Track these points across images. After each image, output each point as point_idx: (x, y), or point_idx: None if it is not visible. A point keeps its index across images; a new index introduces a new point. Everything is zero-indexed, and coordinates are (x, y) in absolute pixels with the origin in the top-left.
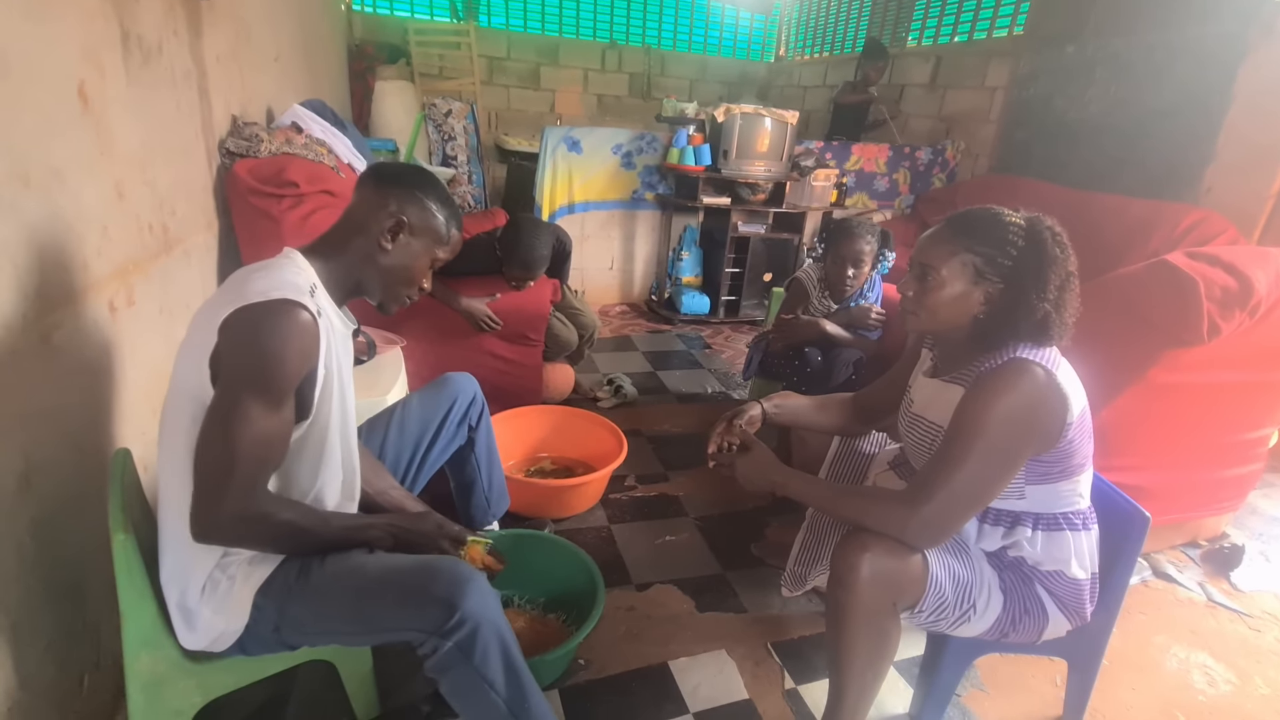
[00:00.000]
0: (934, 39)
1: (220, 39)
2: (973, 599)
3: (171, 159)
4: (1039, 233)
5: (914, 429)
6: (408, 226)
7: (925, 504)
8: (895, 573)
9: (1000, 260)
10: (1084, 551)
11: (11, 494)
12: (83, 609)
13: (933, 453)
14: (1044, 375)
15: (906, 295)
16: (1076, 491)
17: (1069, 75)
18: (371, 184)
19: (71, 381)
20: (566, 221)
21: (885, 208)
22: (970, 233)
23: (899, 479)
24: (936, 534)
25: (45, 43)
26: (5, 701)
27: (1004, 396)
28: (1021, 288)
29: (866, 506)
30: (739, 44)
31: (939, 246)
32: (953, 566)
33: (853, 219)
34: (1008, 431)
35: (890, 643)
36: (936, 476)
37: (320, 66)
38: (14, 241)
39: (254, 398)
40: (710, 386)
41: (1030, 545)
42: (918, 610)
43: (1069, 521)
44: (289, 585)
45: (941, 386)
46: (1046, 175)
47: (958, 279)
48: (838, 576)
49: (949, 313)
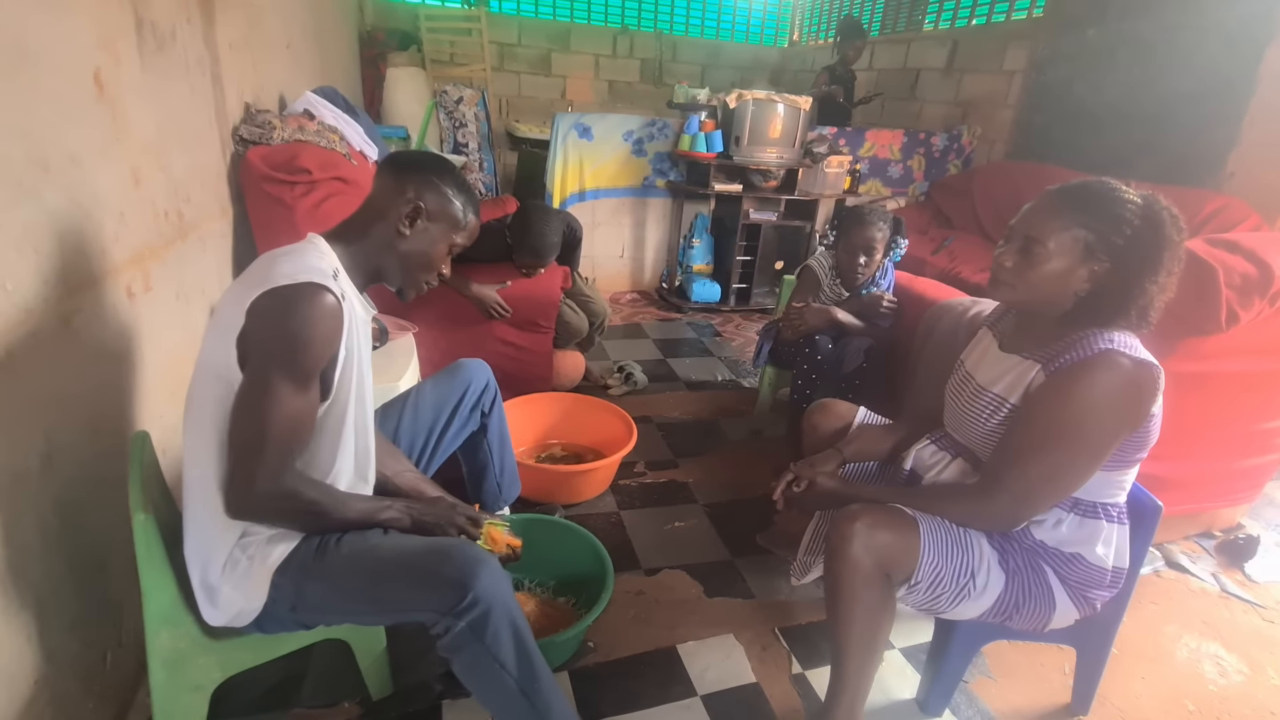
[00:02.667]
0: (951, 22)
1: (232, 26)
2: (970, 574)
3: (186, 146)
4: (1157, 213)
5: (974, 401)
6: (425, 212)
7: (1001, 494)
8: (887, 543)
9: (1114, 239)
10: (1112, 540)
11: (35, 474)
12: (105, 587)
13: (993, 426)
14: (1138, 367)
15: (1004, 265)
16: (1123, 485)
17: (1090, 58)
18: (391, 172)
19: (91, 365)
20: (577, 209)
21: (899, 194)
22: (1085, 207)
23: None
24: (1014, 519)
25: (61, 30)
26: (32, 675)
27: (1094, 390)
28: (1134, 269)
29: (939, 505)
30: (752, 29)
31: (1050, 219)
32: (946, 539)
33: (865, 206)
34: (1098, 425)
35: (885, 614)
36: (1011, 466)
37: (332, 53)
38: (35, 227)
39: (283, 378)
40: (720, 374)
41: (1056, 527)
42: (914, 583)
43: (1105, 512)
44: (306, 565)
45: (1018, 361)
46: (1065, 161)
47: (1066, 254)
48: (832, 548)
49: (1049, 288)
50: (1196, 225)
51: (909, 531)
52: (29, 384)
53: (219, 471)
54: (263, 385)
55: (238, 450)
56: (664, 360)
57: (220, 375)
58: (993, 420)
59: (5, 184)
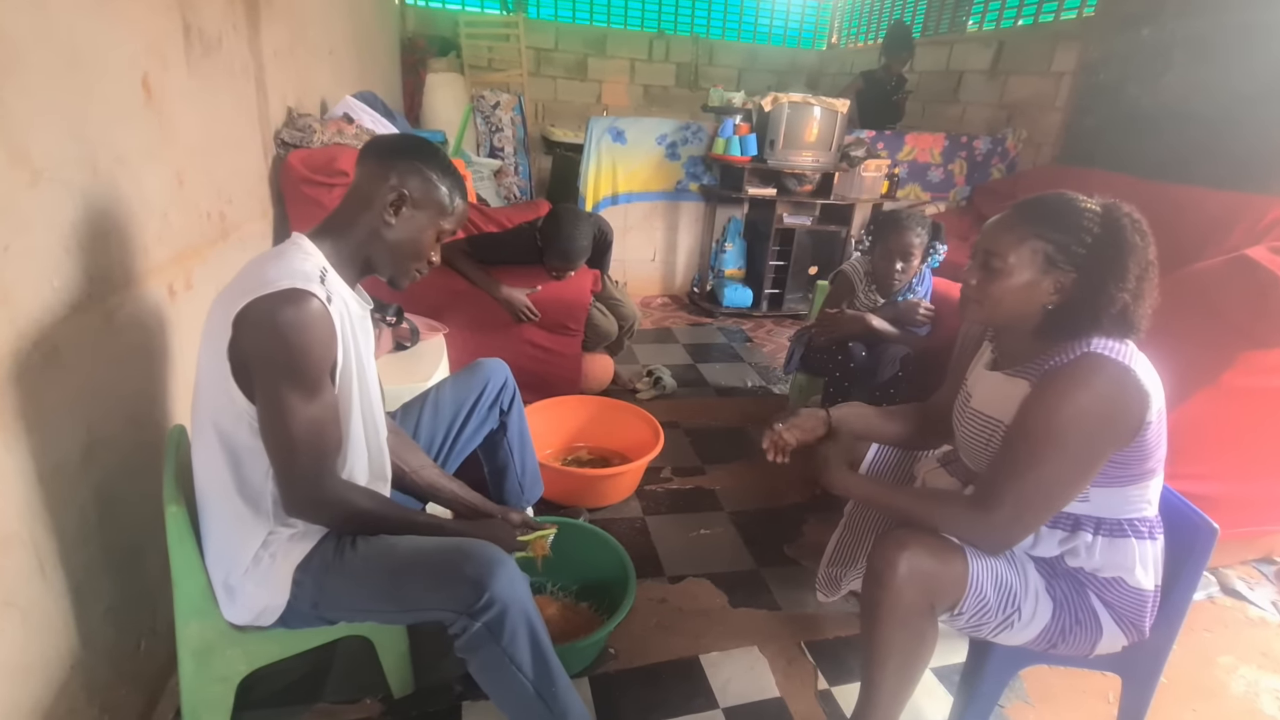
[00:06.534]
0: (996, 23)
1: (277, 34)
2: (1017, 604)
3: (229, 149)
4: (1116, 219)
5: (971, 424)
6: (410, 199)
7: (997, 509)
8: (934, 573)
9: (1074, 248)
10: (1149, 559)
11: (76, 464)
12: (141, 577)
13: (993, 450)
14: (1119, 370)
15: (969, 284)
16: (1145, 498)
17: (1145, 59)
18: (373, 158)
19: (132, 360)
20: (610, 213)
21: (939, 199)
22: (1041, 219)
23: (949, 476)
24: (1010, 538)
25: (112, 36)
26: (68, 659)
27: (1077, 394)
28: (1098, 277)
29: (933, 509)
30: (789, 32)
31: (1005, 233)
32: (997, 569)
33: (902, 210)
34: (1083, 431)
35: (926, 645)
36: (1005, 480)
37: (372, 60)
38: (80, 225)
39: (290, 390)
40: (750, 380)
41: (1088, 552)
42: (957, 613)
43: (1134, 529)
44: (327, 562)
45: (1004, 380)
46: (1117, 165)
47: (1026, 267)
48: (874, 573)
49: (1014, 303)
50: (1259, 233)
51: (956, 561)
52: (72, 377)
53: (233, 480)
54: (274, 402)
55: (275, 463)
56: (693, 365)
57: (217, 386)
58: (991, 444)
59: (55, 185)
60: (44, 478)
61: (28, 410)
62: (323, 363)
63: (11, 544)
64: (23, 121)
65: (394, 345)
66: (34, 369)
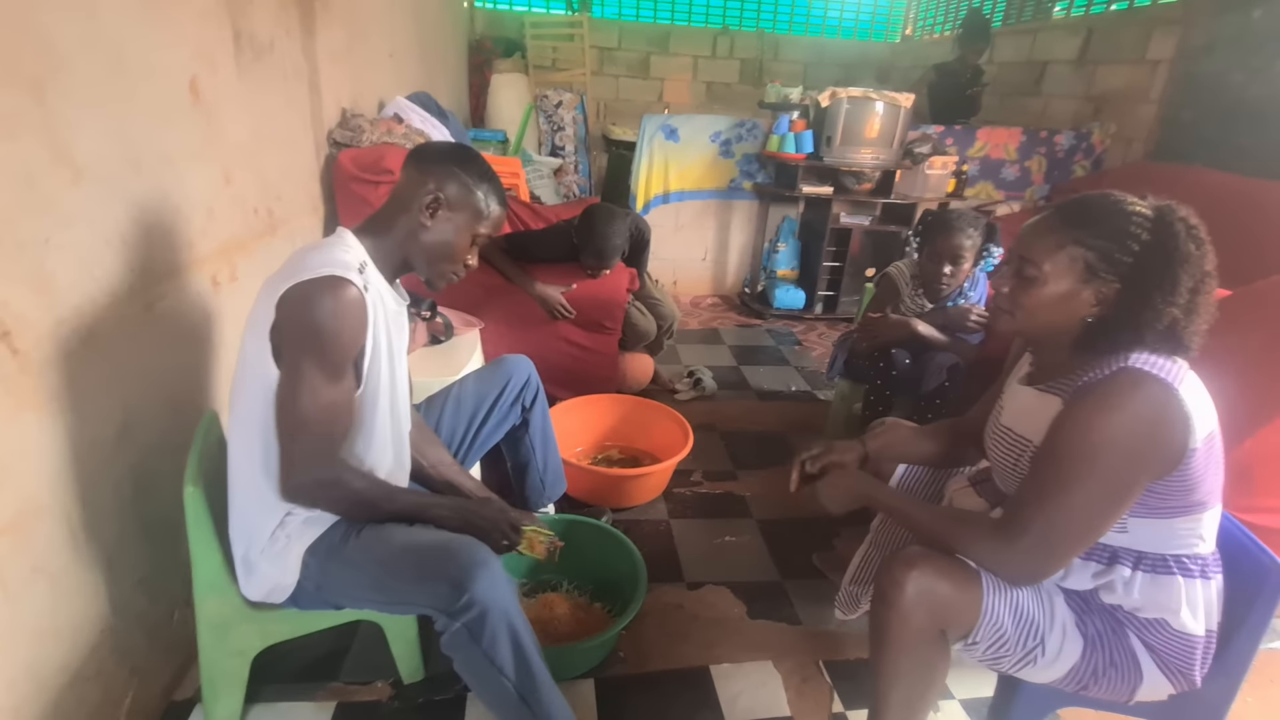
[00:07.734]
0: (1085, 8)
1: (334, 38)
2: (1040, 638)
3: (279, 148)
4: (1169, 224)
5: (1000, 442)
6: (446, 203)
7: (1021, 537)
8: (945, 597)
9: (1118, 255)
10: (1198, 601)
11: (112, 442)
12: (175, 550)
13: (1021, 472)
14: (1160, 388)
15: (1001, 291)
16: (1196, 533)
17: (1253, 45)
18: (414, 163)
19: (172, 347)
20: (661, 211)
21: (1013, 199)
22: (1083, 222)
23: (977, 497)
24: (1036, 570)
25: (159, 41)
26: (98, 625)
27: (1112, 413)
28: (1144, 288)
29: (957, 531)
30: (860, 24)
31: (1042, 238)
32: (1017, 597)
33: (953, 210)
34: (1117, 455)
35: (936, 672)
36: (1032, 505)
37: (438, 61)
38: (123, 220)
39: (314, 369)
40: (794, 385)
41: (1127, 589)
42: (971, 642)
43: (1181, 566)
44: (332, 547)
45: (1036, 396)
46: (1218, 162)
47: (1063, 276)
48: (881, 592)
49: (1050, 314)
50: None
51: (970, 585)
52: (110, 360)
53: (262, 460)
54: (296, 377)
55: (282, 440)
56: (737, 367)
57: (257, 369)
58: (1020, 465)
59: (98, 182)
60: (79, 454)
61: (63, 391)
62: (350, 348)
63: (42, 514)
64: (66, 123)
65: (429, 339)
66: (72, 354)
